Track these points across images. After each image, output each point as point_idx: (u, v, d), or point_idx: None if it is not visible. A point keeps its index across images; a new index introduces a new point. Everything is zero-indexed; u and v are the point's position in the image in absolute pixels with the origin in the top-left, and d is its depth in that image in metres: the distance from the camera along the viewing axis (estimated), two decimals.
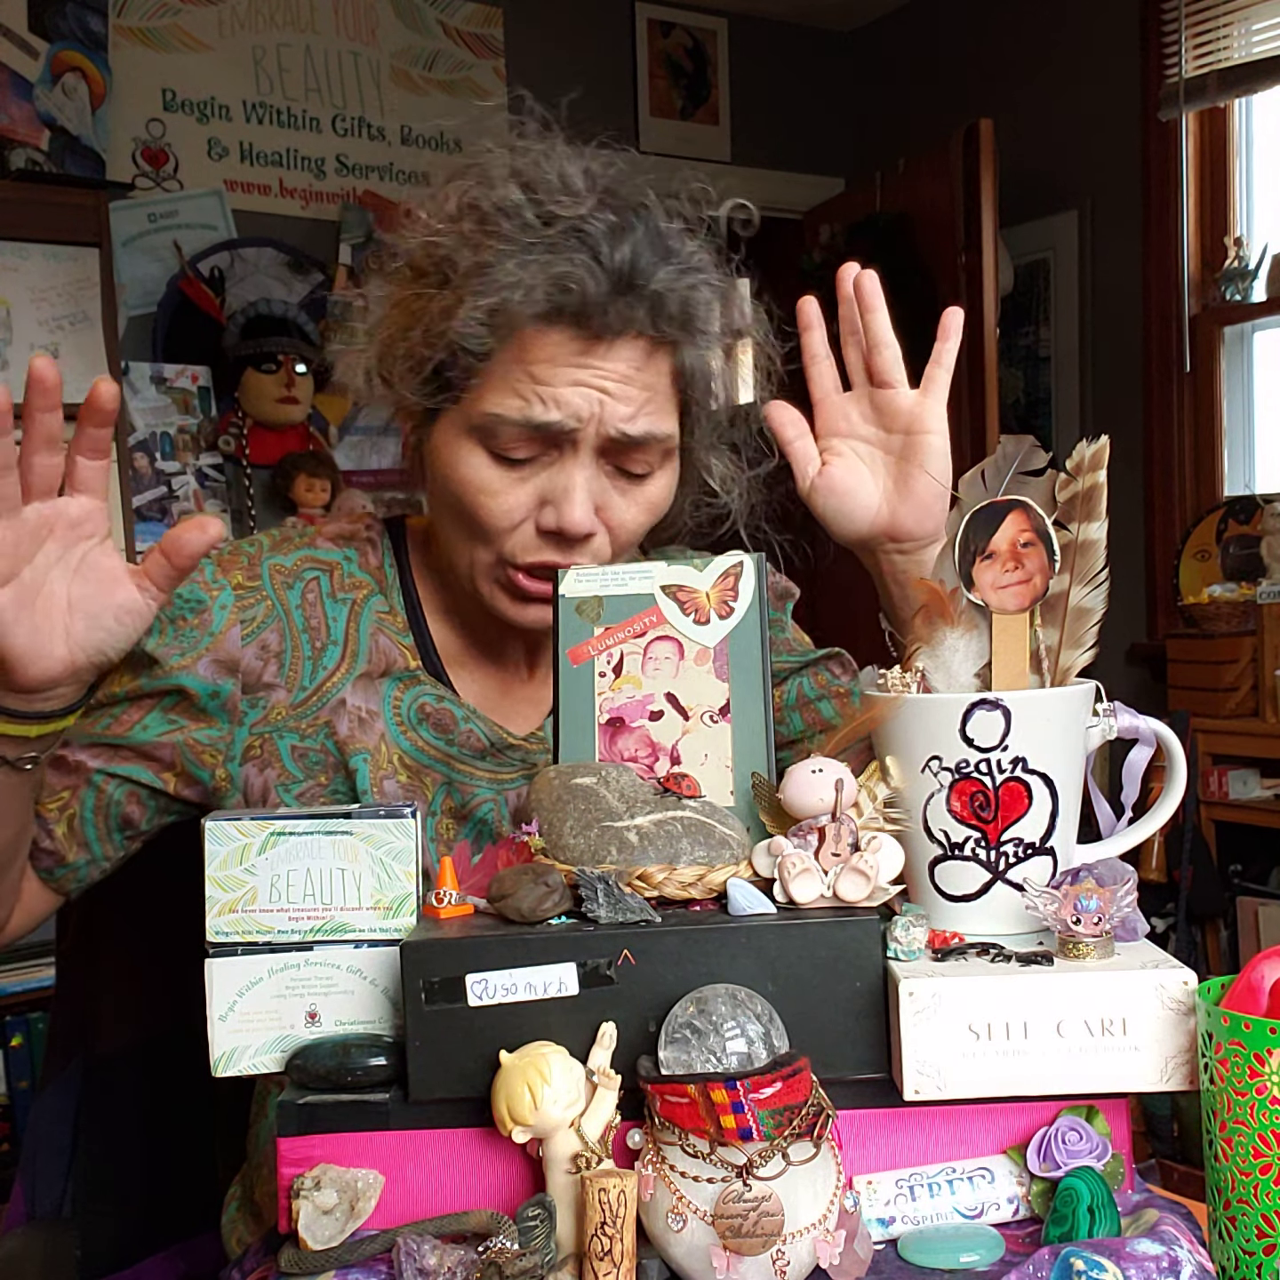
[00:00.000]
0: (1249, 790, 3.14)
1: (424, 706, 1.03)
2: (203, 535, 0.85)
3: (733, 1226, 0.66)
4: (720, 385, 1.04)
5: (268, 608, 1.01)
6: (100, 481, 0.84)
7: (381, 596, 1.06)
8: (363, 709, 1.02)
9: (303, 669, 1.01)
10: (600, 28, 4.07)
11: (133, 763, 0.99)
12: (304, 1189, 0.72)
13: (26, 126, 3.18)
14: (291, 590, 1.03)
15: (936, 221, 3.80)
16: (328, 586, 1.04)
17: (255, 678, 1.00)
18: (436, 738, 1.03)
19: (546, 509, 0.97)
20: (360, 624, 1.04)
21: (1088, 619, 0.82)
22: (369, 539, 1.08)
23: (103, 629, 0.85)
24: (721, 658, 0.86)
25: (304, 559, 1.05)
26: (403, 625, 1.05)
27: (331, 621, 1.03)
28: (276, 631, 1.01)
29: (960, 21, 4.24)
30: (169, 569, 0.85)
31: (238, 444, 3.46)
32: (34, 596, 0.82)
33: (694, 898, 0.76)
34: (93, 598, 0.84)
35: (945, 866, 0.79)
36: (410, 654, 1.05)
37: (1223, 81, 3.47)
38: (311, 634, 1.02)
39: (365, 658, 1.03)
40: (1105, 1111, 0.74)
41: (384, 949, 0.79)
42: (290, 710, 1.00)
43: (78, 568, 0.84)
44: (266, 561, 1.03)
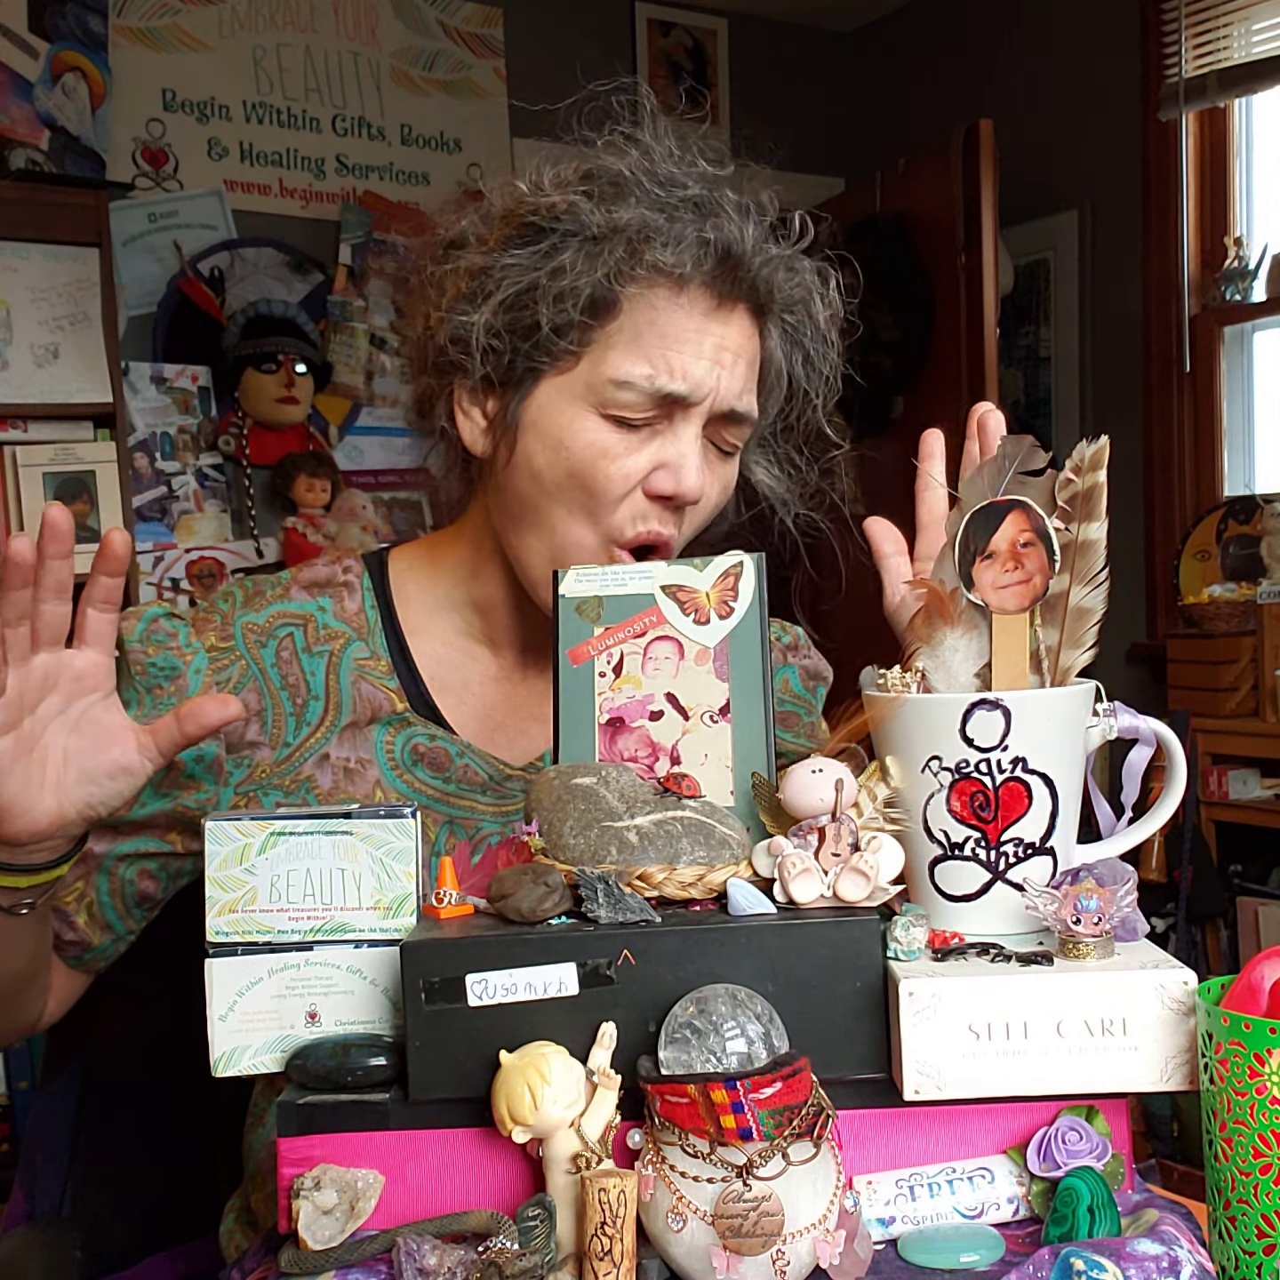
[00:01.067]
0: (1249, 790, 3.14)
1: (417, 747, 1.03)
2: (223, 710, 0.84)
3: (733, 1226, 0.66)
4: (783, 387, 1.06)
5: (242, 668, 1.00)
6: (109, 636, 0.84)
7: (361, 643, 1.04)
8: (351, 759, 1.01)
9: (285, 726, 1.01)
10: (600, 28, 4.07)
11: (135, 836, 0.99)
12: (304, 1189, 0.72)
13: (26, 126, 3.18)
14: (265, 649, 1.02)
15: (936, 221, 3.80)
16: (302, 641, 1.03)
17: (238, 737, 0.99)
18: (433, 777, 1.03)
19: (659, 474, 0.97)
20: (340, 675, 1.03)
21: (1088, 619, 0.82)
22: (345, 583, 1.06)
23: (94, 784, 0.85)
24: (721, 658, 0.86)
25: (276, 615, 1.03)
26: (386, 668, 1.04)
27: (310, 676, 1.02)
28: (254, 690, 1.00)
29: (960, 21, 4.24)
30: (177, 735, 0.85)
31: (238, 444, 3.46)
32: (31, 746, 0.82)
33: (694, 898, 0.76)
34: (89, 753, 0.84)
35: (945, 866, 0.79)
36: (396, 696, 1.03)
37: (1223, 81, 3.47)
38: (291, 691, 1.01)
39: (350, 708, 1.02)
40: (1105, 1111, 0.74)
41: (384, 949, 0.79)
42: (274, 768, 1.00)
43: (77, 722, 0.84)
44: (239, 620, 1.02)
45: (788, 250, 1.02)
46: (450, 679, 1.06)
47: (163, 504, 3.41)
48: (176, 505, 3.43)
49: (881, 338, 3.90)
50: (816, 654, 1.21)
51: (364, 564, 1.09)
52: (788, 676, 1.18)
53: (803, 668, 1.19)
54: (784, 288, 1.01)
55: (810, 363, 1.06)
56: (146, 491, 3.37)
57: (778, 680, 1.15)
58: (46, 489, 3.05)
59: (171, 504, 3.42)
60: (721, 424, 1.00)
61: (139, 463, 3.35)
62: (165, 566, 3.39)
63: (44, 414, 3.08)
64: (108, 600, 0.83)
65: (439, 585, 1.08)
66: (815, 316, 1.05)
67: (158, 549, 3.38)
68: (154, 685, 0.98)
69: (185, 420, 3.43)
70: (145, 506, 3.36)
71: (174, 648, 0.99)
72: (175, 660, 0.98)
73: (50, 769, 0.83)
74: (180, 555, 3.41)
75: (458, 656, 1.07)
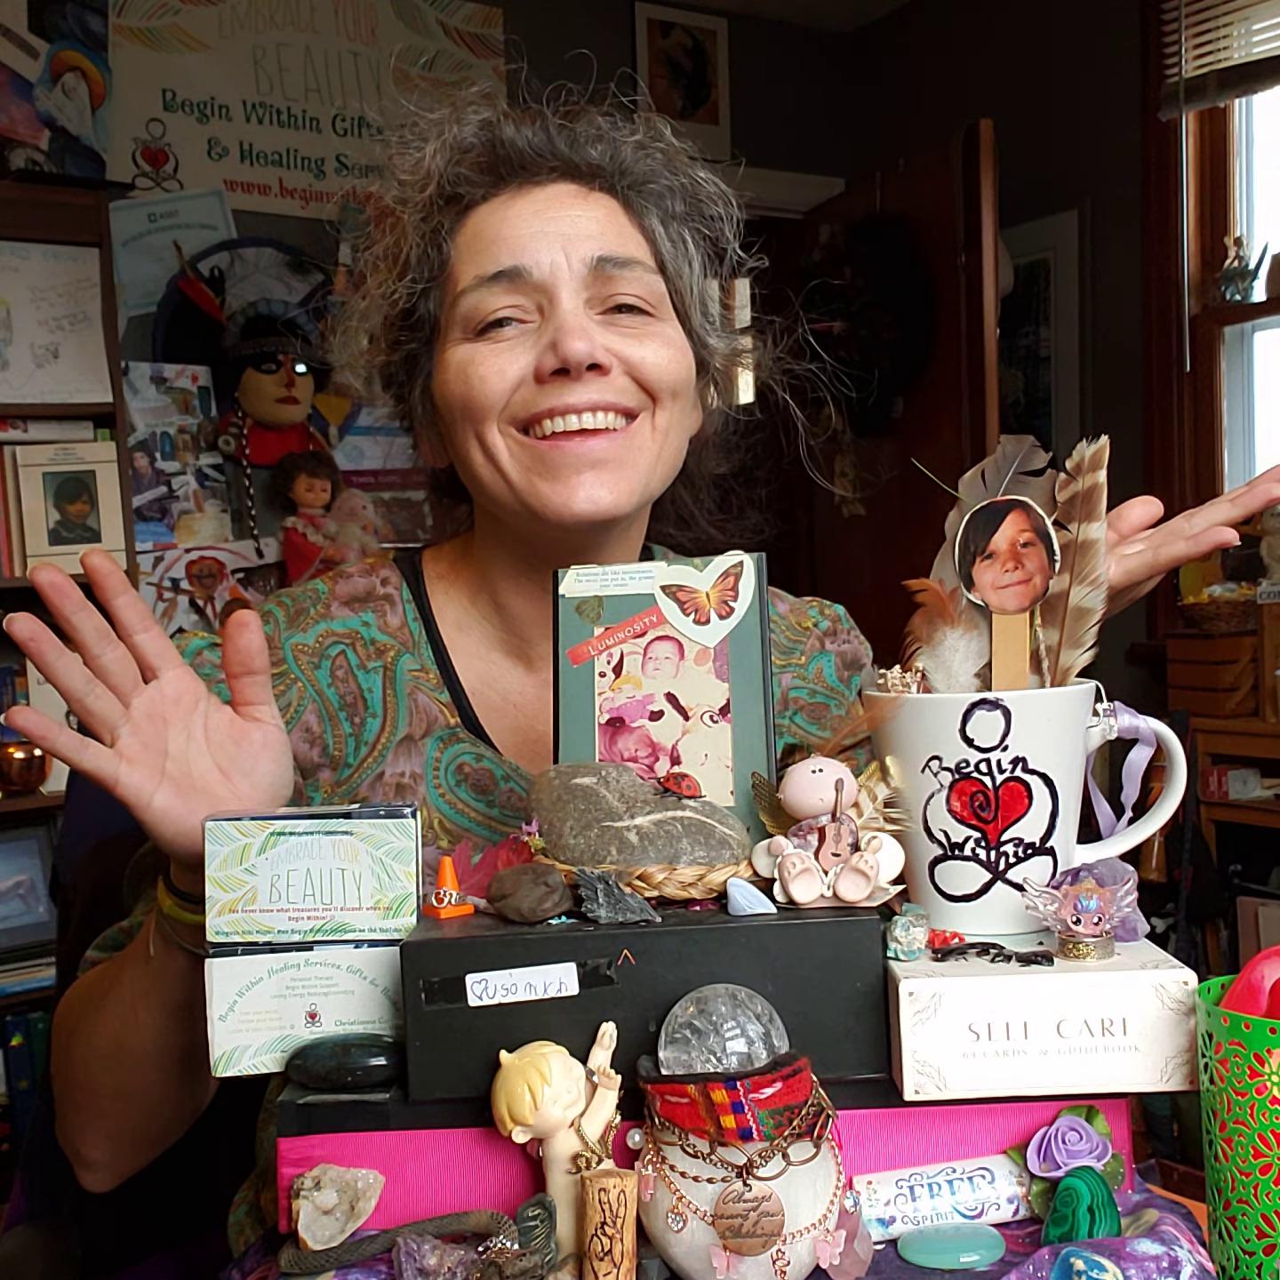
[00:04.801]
0: (1249, 790, 3.14)
1: (462, 767, 1.01)
2: (249, 630, 0.83)
3: (733, 1226, 0.66)
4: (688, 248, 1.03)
5: (300, 690, 1.00)
6: (166, 648, 0.83)
7: (410, 655, 1.04)
8: (405, 773, 1.00)
9: (345, 746, 1.00)
10: (600, 28, 4.07)
11: None
12: (304, 1189, 0.72)
13: (26, 126, 3.19)
14: (319, 670, 1.01)
15: (936, 221, 3.80)
16: (355, 659, 1.02)
17: (308, 761, 0.99)
18: (477, 799, 1.01)
19: (544, 356, 0.95)
20: (397, 687, 1.02)
21: (1088, 619, 0.82)
22: (385, 596, 1.06)
23: (265, 774, 0.84)
24: (721, 658, 0.86)
25: (324, 634, 1.02)
26: (437, 681, 1.03)
27: (368, 693, 1.01)
28: (314, 713, 1.00)
29: (960, 22, 4.24)
30: (255, 680, 0.84)
31: (238, 444, 3.46)
32: (190, 783, 0.82)
33: (694, 898, 0.76)
34: (236, 755, 0.84)
35: (945, 866, 0.79)
36: (449, 711, 1.02)
37: (1223, 81, 3.48)
38: (349, 710, 1.01)
39: (406, 720, 1.01)
40: (1105, 1111, 0.74)
41: (384, 949, 0.79)
42: (334, 788, 1.00)
43: (207, 737, 0.83)
44: (288, 642, 1.02)
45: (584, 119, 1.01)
46: (491, 694, 1.05)
47: (163, 504, 3.41)
48: (176, 505, 3.43)
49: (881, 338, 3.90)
50: (857, 636, 1.17)
51: (400, 574, 1.08)
52: (822, 665, 1.14)
53: (840, 655, 1.15)
54: (609, 156, 1.00)
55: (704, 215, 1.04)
56: (146, 491, 3.38)
57: (812, 669, 1.13)
58: (46, 489, 3.05)
59: (171, 504, 3.42)
60: (604, 284, 0.97)
61: (139, 463, 3.35)
62: (165, 566, 3.39)
63: (44, 414, 3.09)
64: (141, 620, 0.82)
65: (464, 597, 1.07)
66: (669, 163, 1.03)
67: (158, 549, 3.38)
68: None
69: (185, 420, 3.43)
70: (145, 506, 3.37)
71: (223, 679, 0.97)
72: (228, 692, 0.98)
73: (219, 789, 0.83)
74: (180, 555, 3.42)
75: (494, 671, 1.06)
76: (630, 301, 0.98)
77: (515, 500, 0.97)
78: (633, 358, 0.97)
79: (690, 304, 1.03)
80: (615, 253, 0.97)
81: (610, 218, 1.00)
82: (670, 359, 0.99)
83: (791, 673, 1.12)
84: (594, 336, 0.95)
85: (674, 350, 1.00)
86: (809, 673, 1.13)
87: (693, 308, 1.03)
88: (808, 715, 1.11)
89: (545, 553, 1.01)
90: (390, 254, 1.01)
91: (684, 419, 1.03)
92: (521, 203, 0.98)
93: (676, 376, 0.99)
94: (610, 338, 0.97)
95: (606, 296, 0.98)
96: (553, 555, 0.99)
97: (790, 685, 1.12)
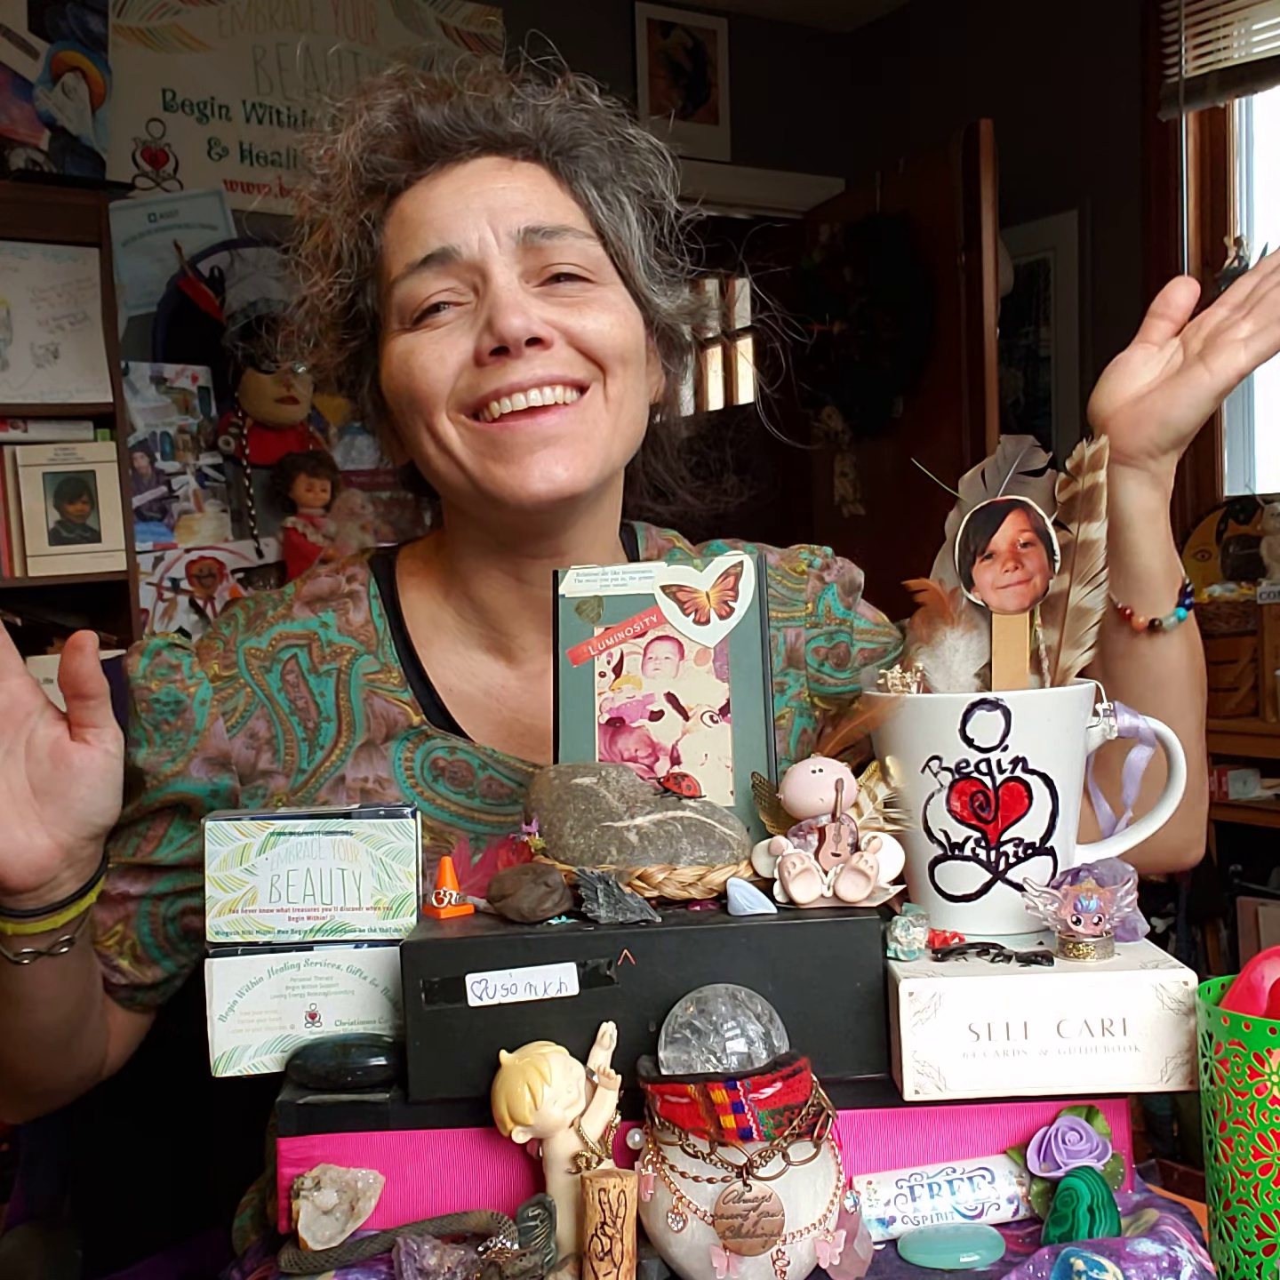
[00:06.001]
0: (1249, 790, 3.14)
1: (436, 762, 0.99)
2: (82, 654, 0.81)
3: (733, 1226, 0.66)
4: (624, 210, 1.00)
5: (248, 695, 0.98)
6: (12, 657, 0.82)
7: (369, 656, 1.01)
8: (369, 779, 0.98)
9: (298, 752, 0.98)
10: (600, 28, 4.07)
11: (170, 875, 0.97)
12: (304, 1189, 0.72)
13: (26, 126, 3.18)
14: (270, 674, 0.99)
15: (936, 221, 3.80)
16: (307, 662, 1.00)
17: (250, 768, 0.97)
18: (456, 792, 0.99)
19: (482, 337, 0.93)
20: (350, 692, 0.99)
21: (1088, 619, 0.82)
22: (350, 594, 1.03)
23: (77, 800, 0.82)
24: (721, 658, 0.86)
25: (278, 637, 1.00)
26: (399, 680, 1.00)
27: (319, 698, 0.99)
28: (263, 719, 0.98)
29: (960, 21, 4.24)
30: (88, 705, 0.82)
31: (238, 444, 3.46)
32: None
33: (694, 898, 0.76)
34: (52, 776, 0.82)
35: (945, 866, 0.79)
36: (412, 709, 1.00)
37: (1223, 81, 3.47)
38: (301, 715, 0.99)
39: (364, 726, 0.99)
40: (1105, 1111, 0.74)
41: (384, 949, 0.79)
42: (289, 796, 0.98)
43: (28, 753, 0.82)
44: (241, 646, 1.00)
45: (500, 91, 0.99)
46: (470, 690, 1.02)
47: (163, 504, 3.41)
48: (176, 505, 3.43)
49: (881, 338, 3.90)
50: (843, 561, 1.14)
51: (371, 570, 1.05)
52: (829, 601, 1.10)
53: (840, 584, 1.11)
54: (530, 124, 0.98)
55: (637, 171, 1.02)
56: (146, 491, 3.38)
57: (821, 609, 1.09)
58: (46, 489, 3.05)
59: (171, 504, 3.42)
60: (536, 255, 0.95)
61: (139, 463, 3.35)
62: (165, 566, 3.39)
63: (44, 414, 3.09)
64: None
65: (437, 593, 1.04)
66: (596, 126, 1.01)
67: (158, 549, 3.38)
68: (161, 721, 0.96)
69: (185, 420, 3.43)
70: (145, 506, 3.37)
71: (177, 680, 0.97)
72: (179, 694, 0.96)
73: (26, 809, 0.81)
74: (180, 555, 3.41)
75: (473, 666, 1.03)
76: (567, 270, 0.96)
77: (472, 488, 0.95)
78: (573, 328, 0.95)
79: (634, 265, 1.00)
80: (543, 222, 0.95)
81: (537, 186, 0.97)
82: (613, 324, 0.96)
83: (801, 624, 1.08)
84: (530, 310, 0.93)
85: (616, 315, 0.97)
86: (819, 613, 1.09)
87: (636, 268, 1.01)
88: (834, 662, 1.08)
89: (511, 539, 0.99)
90: (320, 252, 0.99)
91: (639, 385, 1.00)
92: (444, 182, 0.96)
93: (622, 342, 0.97)
94: (549, 310, 0.94)
95: (542, 268, 0.95)
96: (519, 541, 0.98)
97: (807, 638, 1.08)
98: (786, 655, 1.07)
